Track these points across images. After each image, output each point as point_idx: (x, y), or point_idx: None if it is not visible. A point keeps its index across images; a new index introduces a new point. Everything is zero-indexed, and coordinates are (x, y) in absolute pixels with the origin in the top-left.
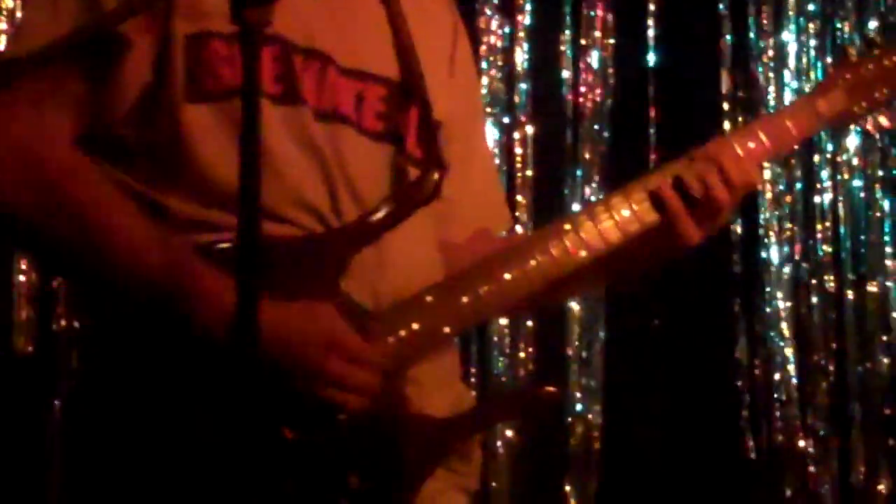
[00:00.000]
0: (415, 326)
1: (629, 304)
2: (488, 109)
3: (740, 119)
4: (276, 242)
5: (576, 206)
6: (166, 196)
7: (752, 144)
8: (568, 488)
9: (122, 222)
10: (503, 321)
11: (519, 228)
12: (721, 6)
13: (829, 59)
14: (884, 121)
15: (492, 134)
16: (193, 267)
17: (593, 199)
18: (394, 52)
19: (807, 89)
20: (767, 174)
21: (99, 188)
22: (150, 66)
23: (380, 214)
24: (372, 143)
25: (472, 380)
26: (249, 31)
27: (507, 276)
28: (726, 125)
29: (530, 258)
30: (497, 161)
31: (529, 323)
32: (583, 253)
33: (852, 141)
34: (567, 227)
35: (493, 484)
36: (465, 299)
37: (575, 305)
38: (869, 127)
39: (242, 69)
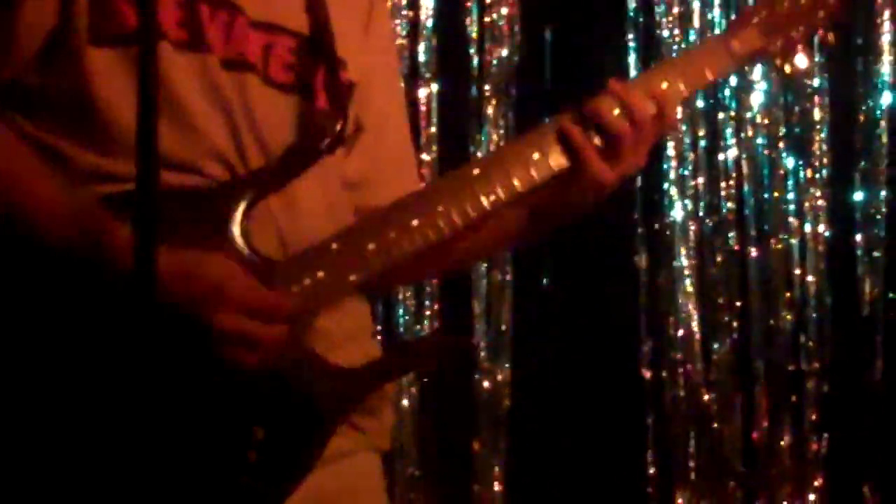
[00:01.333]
0: (320, 275)
1: (534, 261)
2: None
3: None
4: (179, 192)
5: None
6: (69, 145)
7: (664, 85)
8: (476, 446)
9: (28, 177)
10: None
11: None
12: None
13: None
14: (801, 60)
15: None
16: (101, 220)
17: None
18: (304, 8)
19: None
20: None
21: (3, 143)
22: (54, 10)
23: (285, 162)
24: (279, 93)
25: (378, 337)
26: None
27: (415, 221)
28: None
29: (438, 204)
30: None
31: (434, 281)
32: (492, 197)
33: (756, 98)
34: (476, 172)
35: (401, 444)
36: (371, 246)
37: (481, 265)
38: (786, 67)
39: (137, 20)
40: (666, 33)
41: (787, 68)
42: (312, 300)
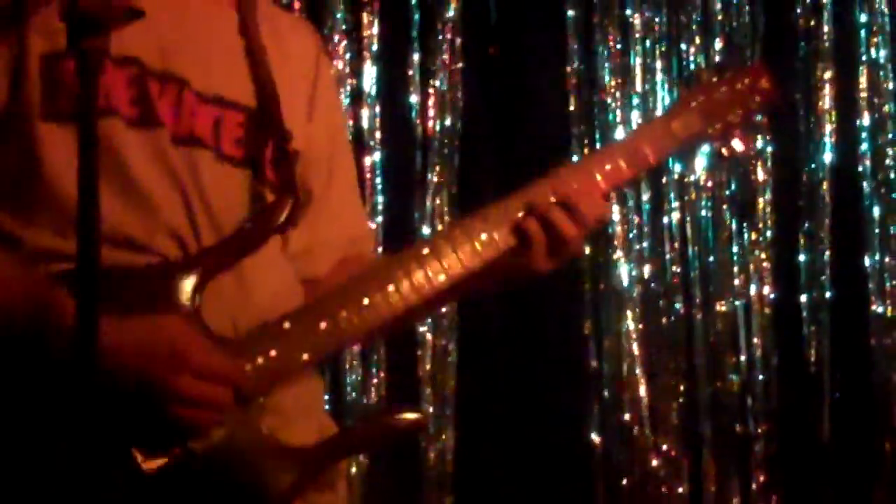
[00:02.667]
0: (272, 353)
1: (480, 325)
2: None
3: (587, 141)
4: (132, 270)
5: (426, 231)
6: (19, 225)
7: (608, 167)
8: None
9: None
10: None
11: None
12: (568, 29)
13: (675, 81)
14: (738, 144)
15: None
16: (52, 296)
17: (443, 224)
18: (251, 79)
19: (656, 112)
20: (614, 196)
21: None
22: (4, 87)
23: (236, 240)
24: (230, 168)
25: (326, 406)
26: (86, 59)
27: (366, 300)
28: (574, 147)
29: (389, 283)
30: None
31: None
32: (441, 277)
33: (700, 162)
34: (426, 251)
35: None
36: (323, 325)
37: (425, 328)
38: (724, 150)
39: (79, 97)
40: (609, 100)
41: (725, 151)
42: (265, 379)
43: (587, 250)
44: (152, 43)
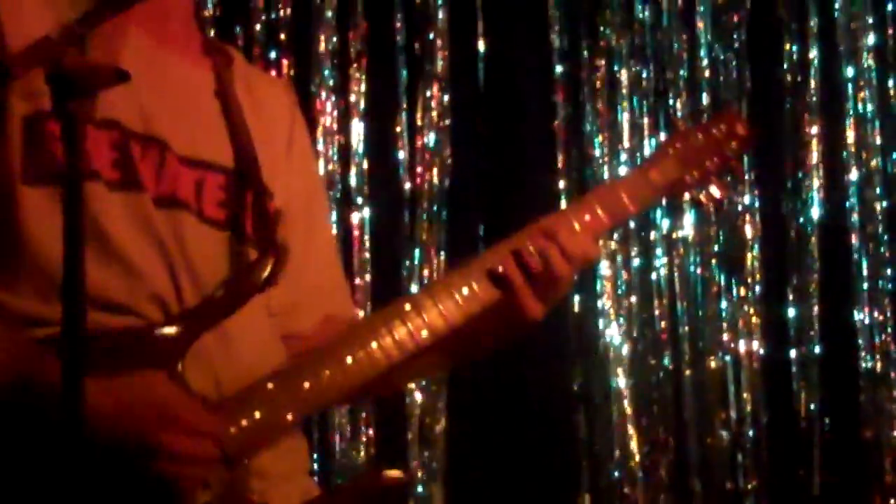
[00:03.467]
0: (257, 415)
1: (468, 382)
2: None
3: (575, 196)
4: (115, 334)
5: (414, 288)
6: (4, 291)
7: (588, 217)
8: None
9: None
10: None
11: (360, 312)
12: (555, 84)
13: (662, 136)
14: (715, 191)
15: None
16: (38, 359)
17: (432, 280)
18: (230, 140)
19: None
20: (603, 253)
21: None
22: None
23: (219, 300)
24: (212, 230)
25: (315, 465)
26: (71, 122)
27: (350, 359)
28: (563, 203)
29: (372, 340)
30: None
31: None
32: (424, 333)
33: (688, 218)
34: (408, 307)
35: None
36: (307, 385)
37: (413, 387)
38: (702, 197)
39: (65, 161)
40: (597, 152)
41: (704, 198)
42: (250, 441)
43: (576, 308)
44: (133, 105)
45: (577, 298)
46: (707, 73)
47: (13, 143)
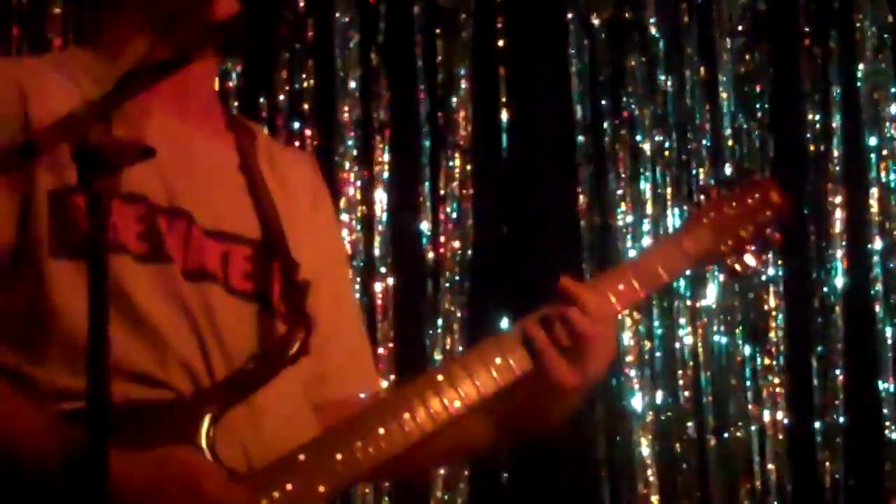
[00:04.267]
0: (289, 487)
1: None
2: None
3: (598, 266)
4: (145, 406)
5: (438, 357)
6: (31, 365)
7: (622, 287)
8: None
9: None
10: None
11: (384, 383)
12: (578, 154)
13: (685, 207)
14: (750, 260)
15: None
16: (63, 434)
17: (456, 350)
18: (255, 213)
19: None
20: (627, 321)
21: None
22: (13, 226)
23: (248, 373)
24: (240, 301)
25: None
26: (97, 198)
27: (382, 430)
28: (586, 273)
29: (404, 411)
30: None
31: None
32: (457, 404)
33: (711, 287)
34: (440, 377)
35: None
36: (339, 456)
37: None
38: (737, 267)
39: (90, 235)
40: (620, 222)
41: (738, 268)
42: None
43: None
44: (158, 180)
45: None
46: (730, 143)
47: (40, 216)
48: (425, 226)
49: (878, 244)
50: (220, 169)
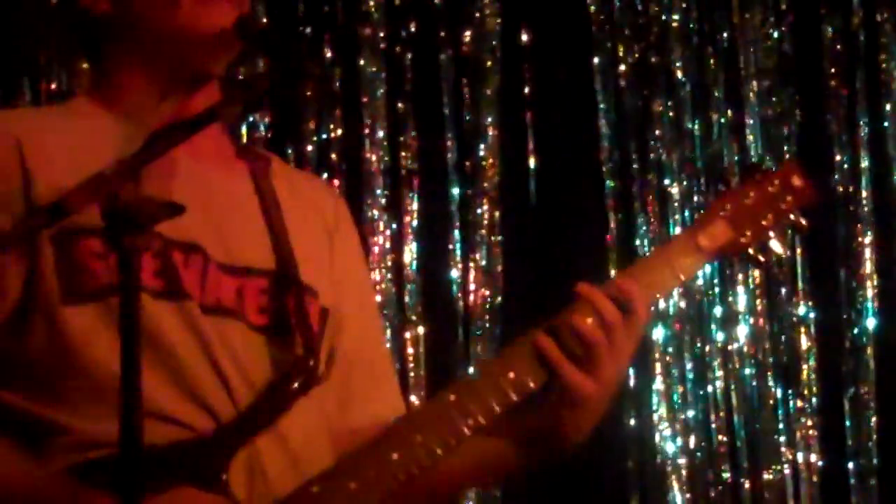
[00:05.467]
0: None
1: (523, 500)
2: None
3: None
4: (168, 447)
5: None
6: (52, 412)
7: (635, 287)
8: None
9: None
10: None
11: None
12: (607, 199)
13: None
14: (777, 246)
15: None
16: (77, 496)
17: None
18: (270, 242)
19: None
20: (658, 367)
21: None
22: (18, 275)
23: (266, 405)
24: (258, 335)
25: None
26: (128, 256)
27: (395, 455)
28: None
29: (416, 434)
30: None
31: None
32: (470, 422)
33: (742, 329)
34: (452, 397)
35: None
36: (353, 485)
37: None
38: (760, 257)
39: (121, 290)
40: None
41: (762, 258)
42: None
43: (632, 422)
44: None
45: (632, 411)
46: None
47: (45, 266)
48: (455, 273)
49: None
50: (234, 200)
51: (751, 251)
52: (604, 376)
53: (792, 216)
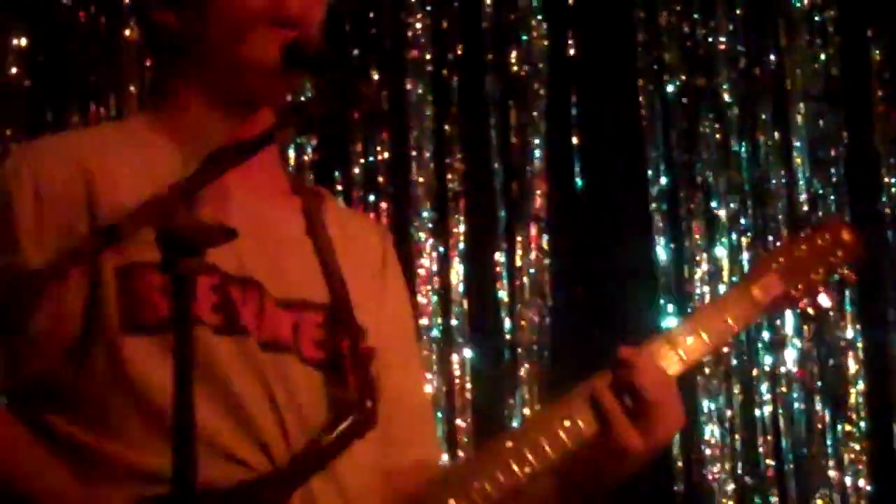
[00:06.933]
0: None
1: None
2: (425, 332)
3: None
4: (226, 489)
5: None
6: (110, 442)
7: (689, 340)
8: None
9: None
10: None
11: (460, 453)
12: (654, 223)
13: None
14: (825, 300)
15: (429, 357)
16: None
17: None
18: (323, 277)
19: None
20: (706, 390)
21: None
22: (81, 302)
23: (323, 446)
24: (314, 371)
25: None
26: (182, 281)
27: (452, 500)
28: None
29: (473, 479)
30: (436, 384)
31: None
32: (527, 470)
33: (790, 353)
34: (509, 444)
35: None
36: None
37: None
38: (810, 309)
39: (175, 317)
40: (697, 289)
41: (812, 310)
42: None
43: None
44: (228, 249)
45: (678, 438)
46: (806, 208)
47: (108, 297)
48: (502, 295)
49: None
50: (288, 235)
51: (801, 304)
52: (655, 436)
53: (841, 270)
